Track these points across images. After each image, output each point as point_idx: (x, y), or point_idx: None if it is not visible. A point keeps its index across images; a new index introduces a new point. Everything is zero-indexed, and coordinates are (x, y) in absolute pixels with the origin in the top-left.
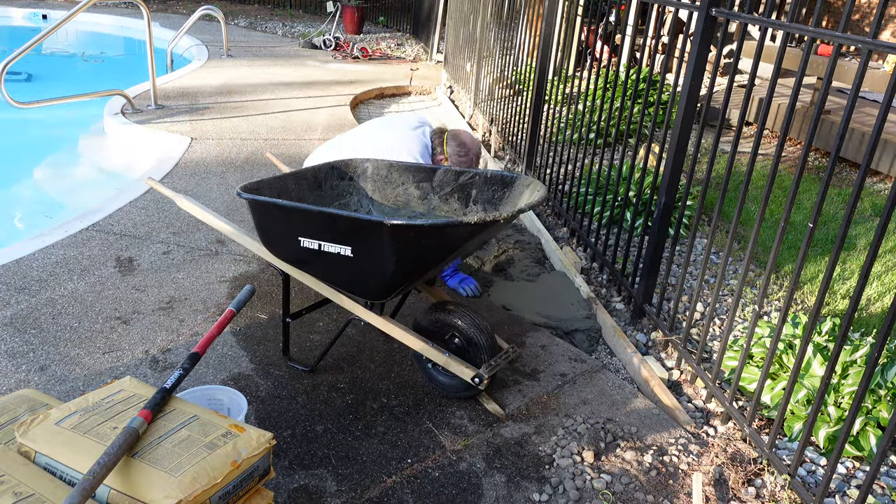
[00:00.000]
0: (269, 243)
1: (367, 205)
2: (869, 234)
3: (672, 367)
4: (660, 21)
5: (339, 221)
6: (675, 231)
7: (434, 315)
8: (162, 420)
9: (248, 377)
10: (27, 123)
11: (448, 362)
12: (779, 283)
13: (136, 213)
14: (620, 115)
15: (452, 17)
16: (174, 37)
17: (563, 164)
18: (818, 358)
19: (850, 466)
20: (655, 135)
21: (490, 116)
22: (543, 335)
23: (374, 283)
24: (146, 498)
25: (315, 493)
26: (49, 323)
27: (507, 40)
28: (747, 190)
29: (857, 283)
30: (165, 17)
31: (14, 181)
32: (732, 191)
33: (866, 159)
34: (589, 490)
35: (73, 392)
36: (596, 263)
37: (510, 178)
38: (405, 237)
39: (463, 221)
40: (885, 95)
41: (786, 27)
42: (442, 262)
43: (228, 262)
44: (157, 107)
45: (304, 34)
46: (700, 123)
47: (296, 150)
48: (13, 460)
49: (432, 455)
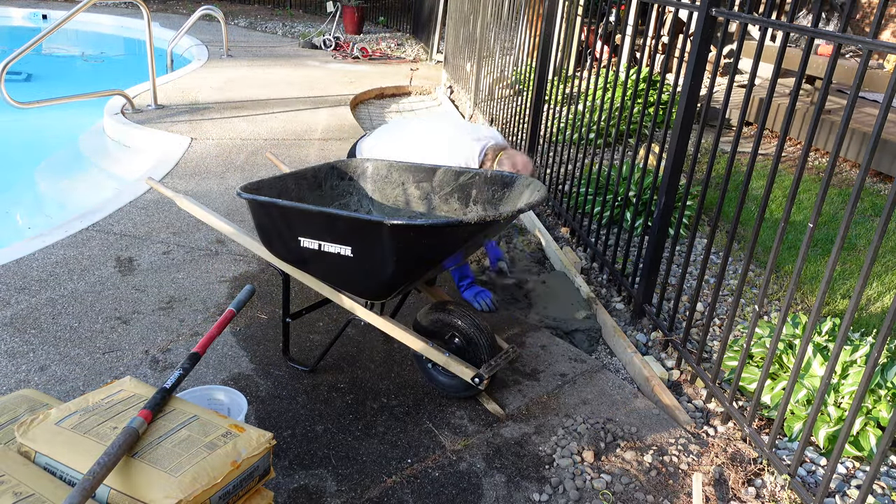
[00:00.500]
0: (269, 243)
1: (367, 205)
2: (869, 234)
3: (672, 367)
4: (660, 21)
5: (339, 221)
6: (675, 231)
7: (434, 315)
8: (162, 420)
9: (248, 377)
10: (27, 123)
11: (448, 362)
12: (779, 283)
13: (136, 213)
14: (620, 115)
15: (452, 17)
16: (174, 37)
17: (563, 164)
18: (818, 358)
19: (850, 466)
20: (655, 135)
21: (490, 116)
22: (543, 335)
23: (373, 283)
24: (146, 498)
25: (315, 493)
26: (49, 323)
27: (507, 40)
28: (747, 190)
29: (857, 283)
30: (165, 17)
31: (14, 181)
32: (732, 191)
33: (867, 159)
34: (589, 490)
35: (73, 392)
36: (596, 263)
37: (510, 178)
38: (405, 237)
39: (463, 221)
40: (885, 95)
41: (786, 27)
42: (442, 262)
43: (228, 262)
44: (157, 107)
45: (304, 34)
46: (700, 123)
47: (296, 150)
48: (13, 460)
49: (432, 455)
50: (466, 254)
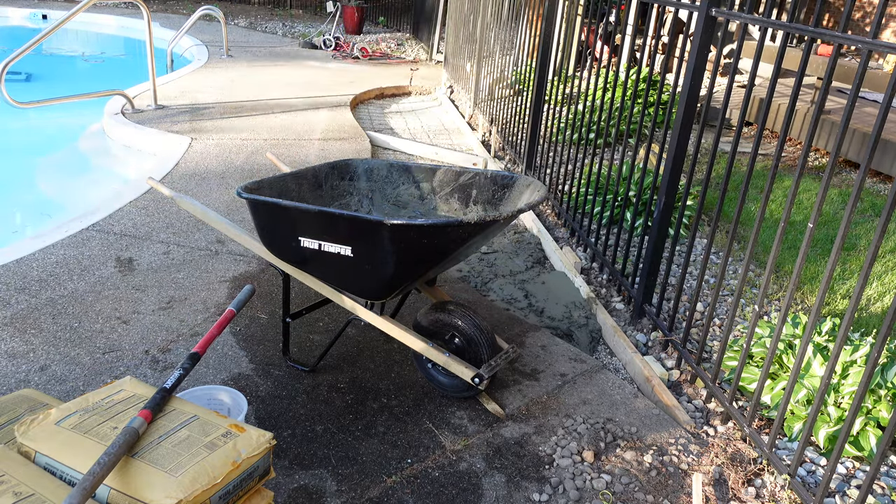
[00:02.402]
0: (270, 243)
1: (367, 205)
2: (869, 234)
3: (672, 367)
4: (660, 21)
5: (340, 221)
6: (675, 231)
7: (434, 315)
8: (162, 420)
9: (248, 377)
10: (27, 123)
11: (448, 362)
12: (779, 283)
13: (136, 213)
14: (620, 115)
15: (452, 17)
16: (174, 37)
17: (563, 164)
18: (818, 358)
19: (850, 466)
20: (655, 135)
21: (490, 116)
22: (543, 335)
23: (374, 283)
24: (146, 498)
25: (315, 493)
26: (49, 323)
27: (507, 40)
28: (747, 190)
29: (857, 283)
30: (165, 17)
31: (14, 181)
32: (732, 191)
33: (866, 159)
34: (589, 490)
35: (73, 392)
36: (596, 263)
37: (510, 179)
38: (405, 237)
39: (463, 221)
40: (885, 95)
41: (786, 27)
42: (442, 262)
43: (228, 262)
44: (157, 107)
45: (304, 34)
46: (700, 123)
47: (296, 150)
48: (13, 460)
49: (432, 455)
50: (466, 254)
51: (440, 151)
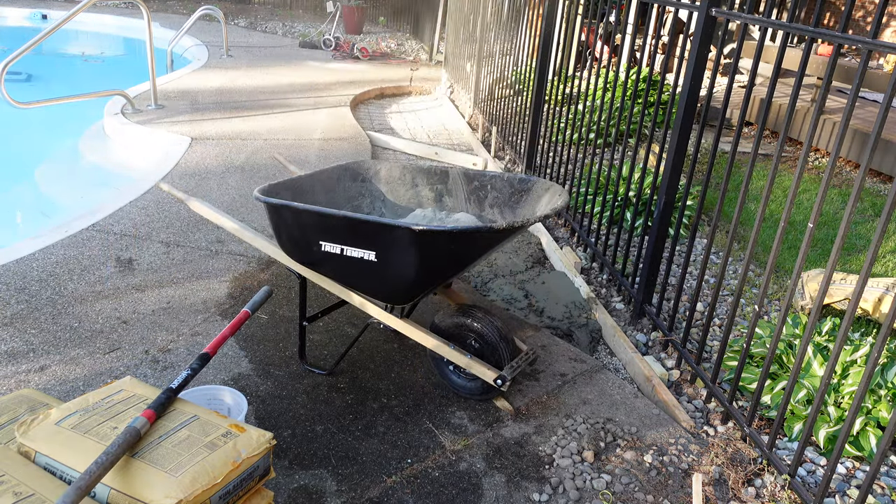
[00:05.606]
0: (288, 247)
1: (379, 206)
2: (869, 234)
3: (672, 367)
4: (660, 21)
5: (365, 226)
6: (675, 231)
7: (453, 318)
8: (162, 420)
9: (248, 377)
10: (27, 123)
11: (470, 364)
12: (779, 283)
13: (136, 213)
14: (620, 115)
15: (452, 17)
16: (174, 37)
17: (563, 164)
18: (818, 358)
19: (850, 466)
20: (655, 135)
21: (490, 116)
22: (543, 335)
23: (397, 288)
24: (146, 498)
25: (315, 493)
26: (49, 323)
27: (507, 40)
28: (747, 190)
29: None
30: (165, 17)
31: (14, 181)
32: (732, 191)
33: (866, 159)
34: (589, 490)
35: (73, 392)
36: (596, 263)
37: (528, 182)
38: (433, 242)
39: (493, 227)
40: (885, 95)
41: (786, 27)
42: (466, 266)
43: (228, 262)
44: (157, 107)
45: (304, 34)
46: (700, 123)
47: (296, 150)
48: (13, 460)
49: (432, 455)
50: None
51: (440, 151)
